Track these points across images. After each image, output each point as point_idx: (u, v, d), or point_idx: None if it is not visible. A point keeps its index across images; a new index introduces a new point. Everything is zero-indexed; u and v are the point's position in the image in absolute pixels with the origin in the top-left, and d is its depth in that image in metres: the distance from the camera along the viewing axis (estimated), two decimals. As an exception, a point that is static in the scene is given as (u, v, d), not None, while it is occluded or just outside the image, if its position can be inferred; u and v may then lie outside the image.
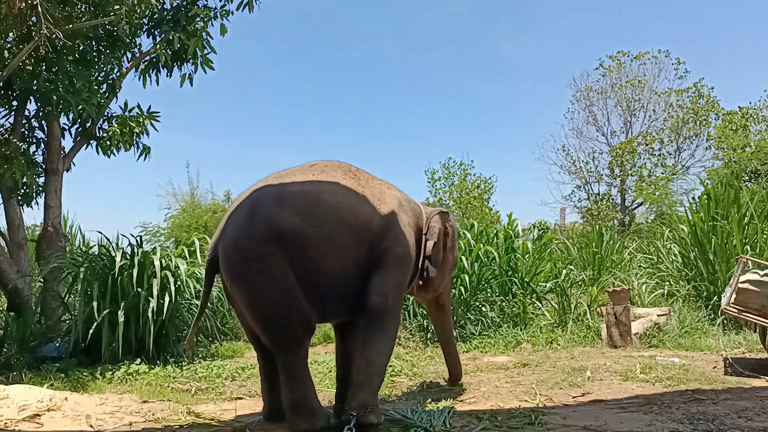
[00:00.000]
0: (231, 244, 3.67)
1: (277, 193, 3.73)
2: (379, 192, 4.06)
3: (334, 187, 3.85)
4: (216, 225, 14.24)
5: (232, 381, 5.76)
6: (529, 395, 4.81)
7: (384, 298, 3.78)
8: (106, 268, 6.59)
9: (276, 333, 3.69)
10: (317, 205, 3.71)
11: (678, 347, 6.78)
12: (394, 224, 3.99)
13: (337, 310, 3.89)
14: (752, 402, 4.37)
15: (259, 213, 3.63)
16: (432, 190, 21.75)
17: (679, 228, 9.29)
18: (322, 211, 3.69)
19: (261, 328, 3.76)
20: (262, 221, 3.59)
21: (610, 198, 21.37)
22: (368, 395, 3.64)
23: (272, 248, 3.52)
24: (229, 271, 3.71)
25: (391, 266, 3.89)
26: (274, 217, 3.60)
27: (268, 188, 3.80)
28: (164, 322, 6.45)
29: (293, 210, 3.63)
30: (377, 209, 3.92)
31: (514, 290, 8.38)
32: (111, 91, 8.05)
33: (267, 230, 3.56)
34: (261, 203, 3.69)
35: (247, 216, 3.67)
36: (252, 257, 3.56)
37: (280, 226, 3.57)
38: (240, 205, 3.79)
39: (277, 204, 3.66)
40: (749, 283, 5.54)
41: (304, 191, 3.76)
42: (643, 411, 4.21)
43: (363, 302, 3.77)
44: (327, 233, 3.65)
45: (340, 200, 3.79)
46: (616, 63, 21.83)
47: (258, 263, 3.54)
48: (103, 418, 4.26)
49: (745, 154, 15.55)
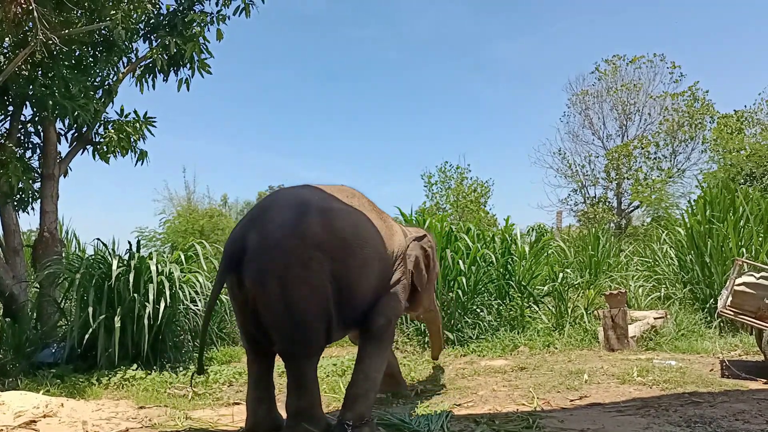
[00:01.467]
0: (274, 241, 3.41)
1: (327, 202, 3.68)
2: (390, 227, 4.23)
3: (367, 215, 3.90)
4: (212, 230, 14.33)
5: (229, 386, 5.75)
6: (526, 399, 4.81)
7: (387, 321, 3.97)
8: (102, 273, 6.57)
9: (300, 340, 3.54)
10: (361, 228, 3.74)
11: (675, 350, 6.78)
12: (401, 258, 4.19)
13: (349, 329, 4.00)
14: (749, 404, 4.38)
15: (311, 214, 3.50)
16: (429, 194, 21.77)
17: (676, 231, 9.31)
18: (364, 236, 3.72)
19: (286, 333, 3.54)
20: (315, 224, 3.46)
21: (606, 201, 21.39)
22: (365, 408, 3.68)
23: (319, 254, 3.41)
24: (263, 270, 3.41)
25: (397, 294, 4.09)
26: (329, 223, 3.52)
27: (315, 193, 3.74)
28: (160, 327, 6.43)
29: (342, 224, 3.60)
30: (392, 244, 4.09)
31: (511, 294, 8.38)
32: (107, 97, 8.04)
33: (320, 233, 3.45)
34: (312, 205, 3.56)
35: (297, 215, 3.49)
36: (297, 259, 3.38)
37: (333, 233, 3.50)
38: (284, 203, 3.61)
39: (330, 212, 3.59)
40: (745, 286, 5.56)
41: (349, 211, 3.76)
42: (640, 414, 4.21)
43: (368, 322, 3.88)
44: (364, 257, 3.68)
45: (375, 229, 3.88)
46: (612, 67, 21.89)
47: (301, 266, 3.38)
48: (99, 424, 4.23)
49: (741, 157, 15.58)
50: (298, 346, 3.58)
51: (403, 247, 4.22)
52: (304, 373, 3.58)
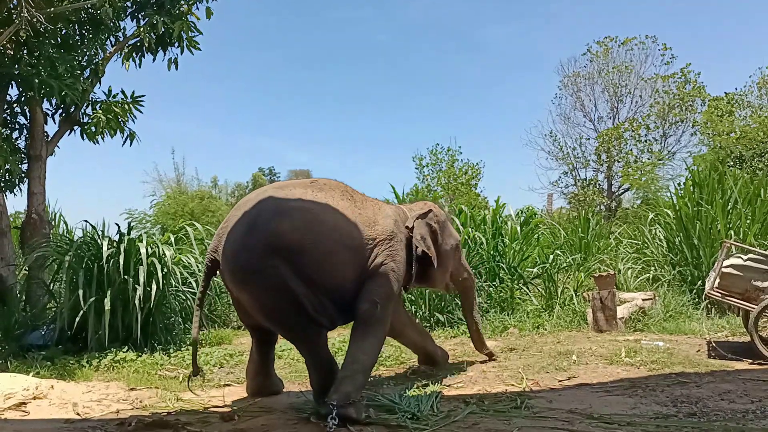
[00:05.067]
0: (231, 257, 3.83)
1: (277, 207, 3.85)
2: (373, 213, 4.28)
3: (333, 206, 4.00)
4: (203, 212, 14.31)
5: (220, 368, 5.76)
6: (515, 380, 4.85)
7: (373, 305, 4.02)
8: (92, 255, 6.54)
9: (289, 331, 4.02)
10: (317, 223, 3.84)
11: (663, 331, 6.84)
12: (387, 242, 4.22)
13: (343, 318, 4.10)
14: (735, 385, 4.43)
15: (258, 227, 3.75)
16: (420, 176, 21.77)
17: (665, 213, 9.35)
18: (321, 230, 3.83)
19: (272, 326, 4.12)
20: (261, 235, 3.72)
21: (596, 184, 21.46)
22: (352, 389, 3.71)
23: (272, 261, 3.66)
24: (232, 279, 3.93)
25: (382, 278, 4.12)
26: (273, 232, 3.71)
27: (269, 201, 3.92)
28: (151, 309, 6.42)
29: (292, 225, 3.76)
30: (372, 230, 4.15)
31: (501, 275, 8.41)
32: (94, 76, 7.95)
33: (266, 245, 3.69)
34: (260, 217, 3.81)
35: (246, 229, 3.79)
36: (252, 270, 3.71)
37: (279, 241, 3.70)
38: (241, 218, 3.90)
39: (277, 218, 3.78)
40: (733, 268, 5.60)
41: (304, 208, 3.89)
42: (627, 394, 4.26)
43: (354, 308, 4.00)
44: (326, 250, 3.81)
45: (339, 220, 3.96)
46: (604, 48, 21.84)
47: (258, 275, 3.70)
48: (89, 405, 4.24)
49: (731, 139, 15.64)
50: (288, 334, 4.10)
51: (387, 232, 4.24)
52: (314, 354, 3.96)
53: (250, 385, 4.57)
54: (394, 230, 4.32)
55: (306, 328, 3.87)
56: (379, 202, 4.61)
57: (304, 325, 3.85)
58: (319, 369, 3.95)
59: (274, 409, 4.09)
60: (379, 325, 4.08)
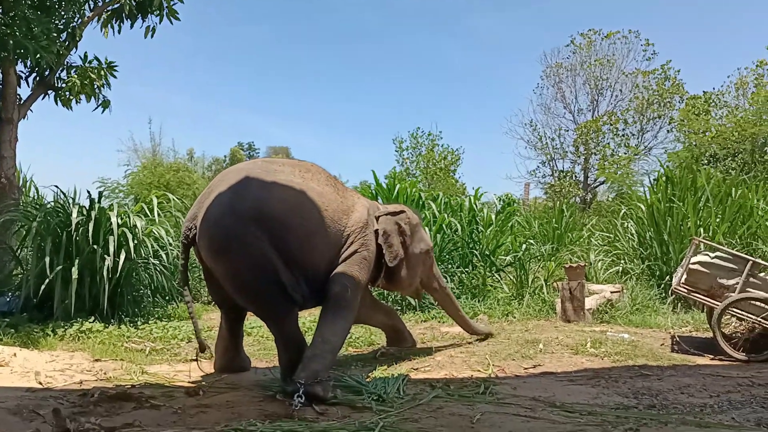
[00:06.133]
0: (214, 220, 3.78)
1: (267, 179, 3.88)
2: (352, 202, 4.42)
3: (319, 189, 4.07)
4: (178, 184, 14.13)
5: (188, 342, 5.73)
6: (482, 365, 4.89)
7: (344, 288, 4.08)
8: (61, 223, 6.43)
9: (261, 306, 3.99)
10: (304, 201, 3.91)
11: (629, 324, 6.95)
12: (362, 232, 4.31)
13: (313, 300, 4.12)
14: (695, 379, 4.53)
15: (247, 193, 3.77)
16: (399, 159, 21.79)
17: (637, 207, 9.46)
18: (308, 208, 3.91)
19: (244, 301, 4.06)
20: (249, 201, 3.73)
21: (573, 175, 21.66)
22: (320, 368, 3.73)
23: (254, 229, 3.66)
24: (210, 247, 3.84)
25: (354, 264, 4.20)
26: (262, 200, 3.75)
27: (258, 172, 3.94)
28: (120, 280, 6.35)
29: (281, 198, 3.82)
30: (350, 218, 4.27)
31: (474, 262, 8.46)
32: (71, 40, 7.75)
33: (253, 210, 3.70)
34: (250, 184, 3.82)
35: (234, 194, 3.79)
36: (234, 235, 3.69)
37: (266, 209, 3.72)
38: (226, 183, 3.88)
39: (267, 189, 3.82)
40: (700, 265, 5.70)
41: (293, 184, 3.94)
42: (590, 384, 4.33)
43: (327, 291, 4.06)
44: (309, 230, 3.89)
45: (324, 202, 4.03)
46: (587, 41, 21.94)
47: (239, 242, 3.67)
48: (53, 375, 4.20)
49: (706, 138, 15.85)
50: (260, 310, 4.09)
51: (362, 222, 4.33)
52: (283, 331, 3.97)
53: (218, 361, 4.57)
54: (368, 222, 4.42)
55: (279, 304, 3.88)
56: (356, 193, 4.75)
57: (277, 301, 3.86)
58: (289, 347, 3.97)
59: (240, 386, 4.09)
60: (349, 309, 4.13)
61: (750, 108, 16.35)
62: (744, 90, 17.82)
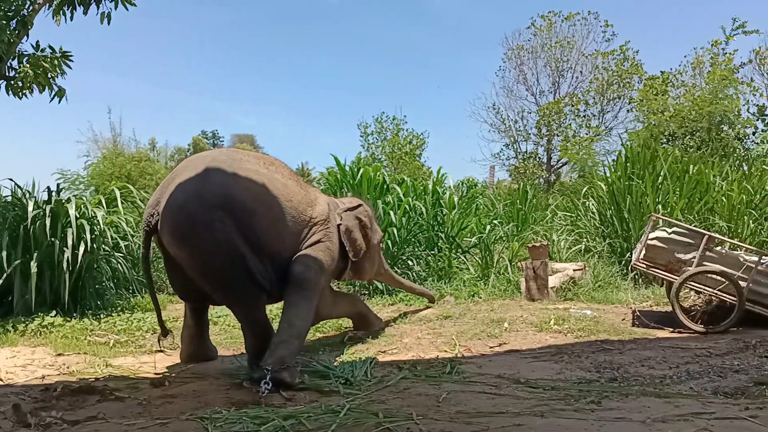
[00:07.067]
0: (178, 206, 3.73)
1: (233, 166, 3.88)
2: (314, 196, 4.51)
3: (283, 180, 4.12)
4: (140, 175, 13.89)
5: (153, 334, 5.65)
6: (449, 346, 4.96)
7: (306, 267, 4.09)
8: (17, 216, 6.27)
9: (228, 292, 3.95)
10: (270, 190, 3.92)
11: (591, 300, 7.09)
12: (324, 224, 4.38)
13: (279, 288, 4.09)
14: (655, 352, 4.66)
15: (212, 178, 3.76)
16: (364, 145, 21.73)
17: (599, 186, 9.62)
18: (273, 196, 3.92)
19: (211, 288, 3.99)
20: (215, 186, 3.73)
21: (536, 157, 21.91)
22: (287, 354, 3.73)
23: (220, 214, 3.65)
24: (174, 233, 3.79)
25: (317, 249, 4.24)
26: (228, 185, 3.75)
27: (223, 159, 3.95)
28: (81, 273, 6.22)
29: (247, 185, 3.82)
30: (313, 210, 4.32)
31: (440, 245, 8.52)
32: (22, 28, 7.48)
33: (219, 196, 3.69)
34: (216, 171, 3.81)
35: (199, 180, 3.76)
36: (199, 220, 3.66)
37: (232, 195, 3.72)
38: (191, 169, 3.86)
39: (233, 175, 3.81)
40: (658, 240, 5.85)
41: (258, 173, 3.96)
42: (554, 360, 4.43)
43: (290, 272, 4.04)
44: (274, 217, 3.91)
45: (288, 193, 4.07)
46: (547, 23, 22.12)
47: (204, 227, 3.64)
48: (14, 371, 4.12)
49: (664, 117, 16.15)
50: (227, 296, 4.04)
51: (324, 214, 4.40)
52: (250, 317, 4.01)
53: (184, 351, 4.54)
54: (330, 216, 4.49)
55: (247, 289, 3.88)
56: (317, 189, 4.91)
57: (245, 287, 3.86)
58: (256, 333, 3.99)
59: (207, 375, 4.06)
60: (313, 291, 4.14)
61: (706, 87, 16.70)
62: (700, 69, 18.16)
